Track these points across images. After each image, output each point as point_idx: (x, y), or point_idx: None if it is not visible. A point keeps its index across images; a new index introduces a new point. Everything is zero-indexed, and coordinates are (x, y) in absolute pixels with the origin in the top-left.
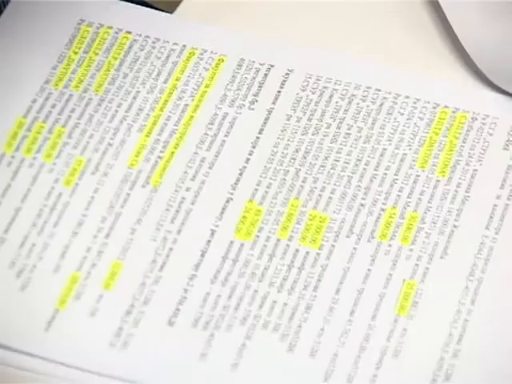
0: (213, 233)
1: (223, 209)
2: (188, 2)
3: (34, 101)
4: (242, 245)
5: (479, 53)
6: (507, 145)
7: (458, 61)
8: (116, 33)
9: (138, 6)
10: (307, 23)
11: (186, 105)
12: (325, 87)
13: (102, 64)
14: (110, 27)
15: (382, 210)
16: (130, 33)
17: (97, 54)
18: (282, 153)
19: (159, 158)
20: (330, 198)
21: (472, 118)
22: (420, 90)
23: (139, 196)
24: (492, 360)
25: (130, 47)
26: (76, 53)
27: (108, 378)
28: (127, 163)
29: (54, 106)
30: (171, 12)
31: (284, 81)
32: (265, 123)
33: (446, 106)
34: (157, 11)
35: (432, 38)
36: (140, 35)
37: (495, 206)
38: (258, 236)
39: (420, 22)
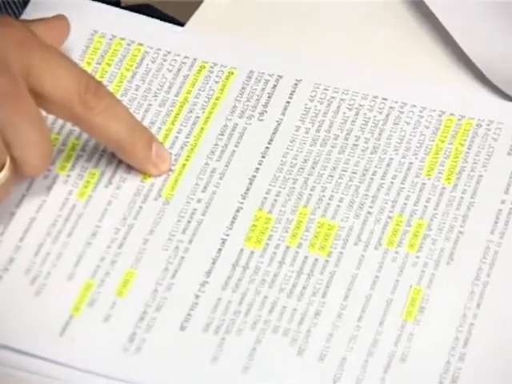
0: (223, 241)
1: (234, 218)
2: (198, 15)
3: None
4: (252, 252)
5: (485, 60)
6: (511, 150)
7: (462, 68)
8: (128, 44)
9: (150, 19)
10: (315, 34)
11: (197, 117)
12: (333, 97)
13: (115, 75)
14: (123, 38)
15: (389, 217)
16: (141, 45)
17: (109, 65)
18: (291, 163)
19: (171, 170)
20: (338, 206)
21: (477, 125)
22: (426, 99)
23: (152, 208)
24: (498, 363)
25: (142, 59)
26: (89, 64)
27: (122, 381)
28: (140, 176)
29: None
30: (183, 25)
31: (293, 91)
32: (274, 134)
33: (451, 114)
34: (168, 24)
35: (436, 46)
36: (152, 47)
37: (500, 210)
38: (267, 244)
39: (424, 31)
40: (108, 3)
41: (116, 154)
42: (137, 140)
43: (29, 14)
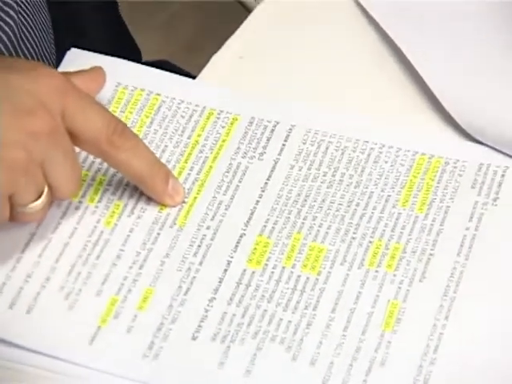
0: (229, 263)
1: (237, 242)
2: (207, 70)
3: (80, 152)
4: (253, 272)
5: (454, 106)
6: (474, 184)
7: (434, 113)
8: (147, 94)
9: (166, 72)
10: (307, 83)
11: (206, 157)
12: (322, 140)
13: (136, 121)
14: (143, 90)
15: (370, 242)
16: (159, 95)
17: (131, 112)
18: (287, 196)
19: (184, 202)
20: (327, 232)
21: (445, 163)
22: (401, 141)
23: (167, 234)
24: (464, 366)
25: (159, 107)
26: (114, 111)
27: (141, 383)
28: (158, 207)
29: (96, 157)
30: (194, 77)
31: (288, 135)
32: (272, 171)
33: (423, 153)
34: (182, 77)
35: (411, 93)
36: (168, 97)
37: (465, 236)
38: (266, 264)
39: (400, 80)
40: (130, 60)
41: (137, 186)
42: (156, 175)
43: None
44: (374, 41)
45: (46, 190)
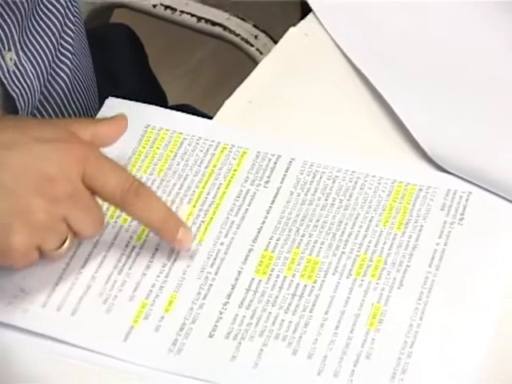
0: (239, 273)
1: (246, 256)
2: (222, 111)
3: None
4: (260, 281)
5: (427, 143)
6: (443, 206)
7: (410, 149)
8: (172, 133)
9: (187, 114)
10: (305, 124)
11: (220, 184)
12: (316, 171)
13: (162, 156)
14: (168, 129)
15: (357, 255)
16: (181, 133)
17: (158, 148)
18: (287, 217)
19: (202, 222)
20: (321, 247)
21: (419, 189)
22: (382, 171)
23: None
24: (436, 359)
25: (182, 143)
26: (144, 147)
27: (168, 373)
28: None
29: None
30: (211, 118)
31: (288, 167)
32: (275, 197)
33: (400, 181)
34: (200, 118)
35: (391, 132)
36: (188, 135)
37: (435, 250)
38: (271, 274)
39: (382, 123)
40: (158, 104)
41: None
42: (167, 225)
43: (103, 115)
44: (363, 92)
45: (69, 237)
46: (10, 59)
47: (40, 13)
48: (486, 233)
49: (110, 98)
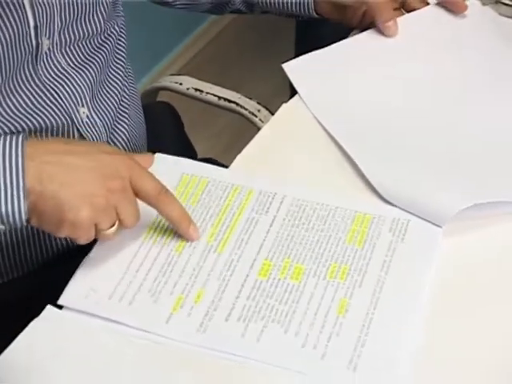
0: (247, 275)
1: (252, 264)
2: (235, 163)
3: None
4: (261, 281)
5: (379, 184)
6: (390, 229)
7: (369, 190)
8: (200, 178)
9: (210, 165)
10: (296, 172)
11: (234, 212)
12: (302, 204)
13: (193, 194)
14: (197, 175)
15: (330, 264)
16: (207, 178)
17: (191, 188)
18: (281, 237)
19: (221, 239)
20: (304, 258)
21: (373, 217)
22: (348, 204)
23: (212, 257)
24: (385, 337)
25: (207, 185)
26: (181, 187)
27: (196, 346)
28: (206, 240)
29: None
30: (227, 167)
31: (281, 201)
32: (272, 222)
33: (360, 212)
34: (219, 167)
35: (355, 177)
36: (212, 179)
37: (385, 260)
38: (269, 277)
39: (348, 171)
40: (189, 157)
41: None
42: (183, 221)
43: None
44: (334, 150)
45: (117, 222)
46: (83, 112)
47: (106, 82)
48: (420, 248)
49: (157, 154)
